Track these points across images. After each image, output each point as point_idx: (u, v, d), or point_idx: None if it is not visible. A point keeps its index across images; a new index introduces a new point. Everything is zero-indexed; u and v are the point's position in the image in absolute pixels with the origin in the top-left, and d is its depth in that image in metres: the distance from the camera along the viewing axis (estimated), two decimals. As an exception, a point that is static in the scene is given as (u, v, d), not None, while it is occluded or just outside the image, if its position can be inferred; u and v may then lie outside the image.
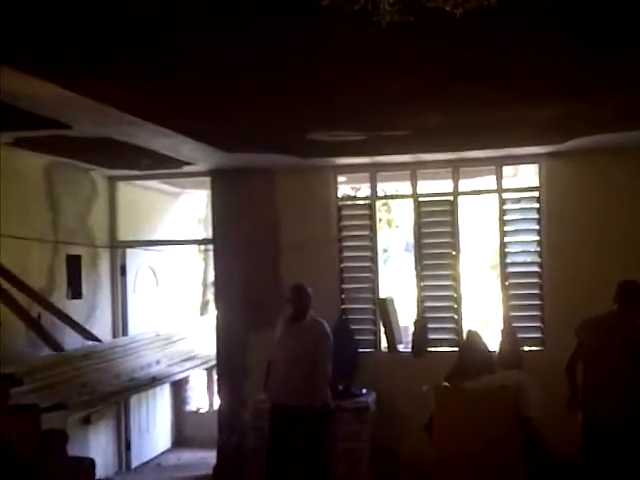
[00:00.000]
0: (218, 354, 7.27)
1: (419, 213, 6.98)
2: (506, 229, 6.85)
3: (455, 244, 6.89)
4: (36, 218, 6.37)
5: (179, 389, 8.65)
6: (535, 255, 6.82)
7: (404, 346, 7.09)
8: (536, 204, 6.81)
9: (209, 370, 8.50)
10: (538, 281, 6.75)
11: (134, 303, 7.80)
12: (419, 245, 6.99)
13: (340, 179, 7.21)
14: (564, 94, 4.48)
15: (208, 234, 8.06)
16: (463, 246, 6.98)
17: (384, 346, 7.00)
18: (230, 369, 7.15)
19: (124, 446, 7.56)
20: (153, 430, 8.07)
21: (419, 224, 6.98)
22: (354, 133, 5.48)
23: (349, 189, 8.10)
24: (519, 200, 7.06)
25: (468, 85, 4.18)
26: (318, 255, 6.90)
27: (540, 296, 6.73)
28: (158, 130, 5.14)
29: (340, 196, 7.26)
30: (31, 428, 4.73)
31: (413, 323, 6.97)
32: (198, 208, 9.78)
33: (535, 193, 6.83)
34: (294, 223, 7.02)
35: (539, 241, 6.75)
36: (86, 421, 6.66)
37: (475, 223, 9.96)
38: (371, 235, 7.09)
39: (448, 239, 6.92)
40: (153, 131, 5.17)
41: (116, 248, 7.61)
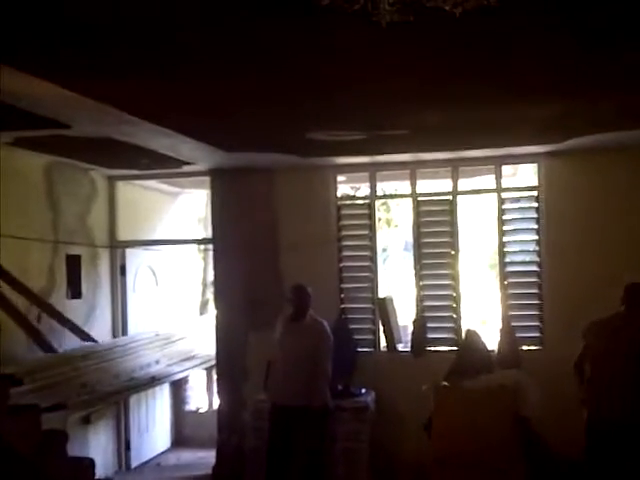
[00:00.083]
0: (218, 354, 7.27)
1: (418, 212, 6.98)
2: (505, 228, 6.85)
3: (454, 243, 6.89)
4: (36, 218, 6.36)
5: (179, 389, 8.65)
6: (534, 255, 6.82)
7: (403, 345, 7.09)
8: (535, 203, 6.81)
9: (209, 370, 8.50)
10: (537, 280, 6.75)
11: (134, 303, 7.80)
12: (418, 244, 6.99)
13: (339, 178, 7.22)
14: (563, 93, 4.48)
15: (208, 234, 8.06)
16: (462, 245, 6.97)
17: (383, 345, 7.00)
18: (230, 369, 7.15)
19: (124, 446, 7.56)
20: (153, 430, 8.07)
21: (418, 223, 6.98)
22: (354, 132, 5.48)
23: (348, 188, 8.09)
24: (518, 199, 7.06)
25: (468, 84, 4.18)
26: (317, 254, 6.90)
27: (539, 295, 6.73)
28: (158, 129, 5.14)
29: (339, 195, 7.26)
30: (31, 428, 4.73)
31: (412, 322, 6.97)
32: (198, 208, 9.78)
33: (534, 192, 6.83)
34: (293, 222, 7.02)
35: (538, 240, 6.75)
36: (86, 421, 6.66)
37: (474, 222, 9.95)
38: (370, 235, 7.09)
39: (447, 238, 6.92)
40: (152, 130, 5.17)
41: (116, 248, 7.61)
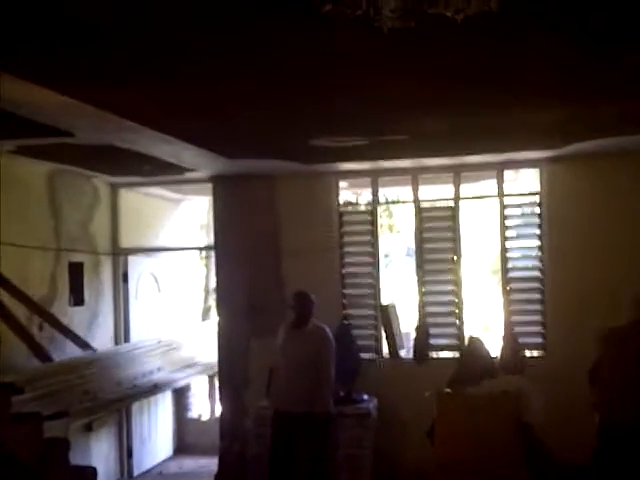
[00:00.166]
0: (220, 361, 7.26)
1: (420, 218, 6.98)
2: (507, 234, 6.85)
3: (456, 249, 6.88)
4: (39, 226, 6.37)
5: (181, 396, 8.64)
6: (536, 260, 6.82)
7: (406, 352, 7.08)
8: (537, 209, 6.81)
9: (211, 377, 8.49)
10: (539, 286, 6.75)
11: (136, 310, 7.80)
12: (420, 250, 6.99)
13: (341, 185, 7.22)
14: (565, 98, 4.49)
15: (210, 240, 8.06)
16: (464, 251, 6.98)
17: (386, 352, 7.00)
18: (232, 376, 7.13)
19: (126, 454, 7.55)
20: (155, 437, 8.05)
21: (420, 229, 6.98)
22: (355, 138, 5.48)
23: (350, 195, 8.09)
24: (520, 205, 7.07)
25: (469, 90, 4.19)
26: (319, 261, 6.90)
27: (541, 301, 6.73)
28: (159, 136, 5.14)
29: (341, 202, 7.27)
30: (33, 436, 4.72)
31: (415, 329, 6.96)
32: (200, 214, 9.78)
33: (536, 198, 6.83)
34: (295, 229, 7.02)
35: (540, 246, 6.75)
36: (88, 429, 6.65)
37: (476, 228, 9.94)
38: (372, 241, 7.09)
39: (449, 244, 6.92)
40: (154, 137, 5.17)
41: (118, 255, 7.61)
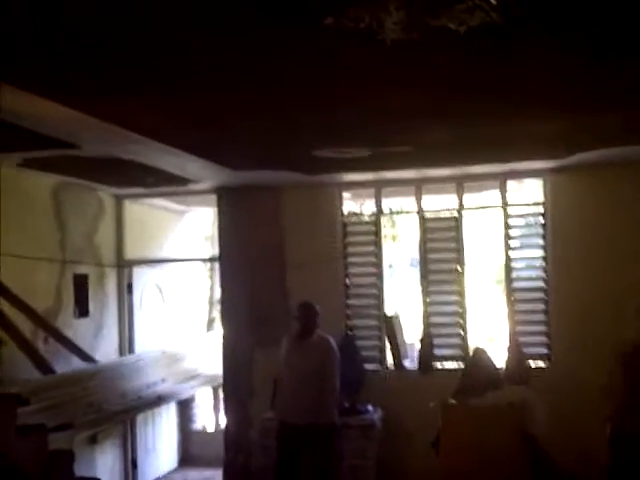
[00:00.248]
0: (224, 372, 7.25)
1: (424, 229, 6.99)
2: (511, 244, 6.85)
3: (460, 259, 6.89)
4: (44, 238, 6.39)
5: (185, 407, 8.62)
6: (540, 270, 6.81)
7: (410, 363, 7.07)
8: (541, 219, 6.81)
9: (215, 388, 8.48)
10: (543, 296, 6.74)
11: (141, 321, 7.81)
12: (424, 261, 6.99)
13: (345, 195, 7.24)
14: (568, 108, 4.50)
15: (214, 251, 8.07)
16: (468, 261, 6.98)
17: (390, 363, 6.99)
18: (236, 387, 7.13)
19: (130, 465, 7.53)
20: (159, 449, 8.04)
21: (424, 240, 6.98)
22: (358, 149, 5.50)
23: (354, 205, 8.10)
24: (524, 215, 7.06)
25: (472, 100, 4.20)
26: (323, 271, 6.90)
27: (546, 311, 6.71)
28: (164, 148, 5.17)
29: (345, 212, 7.28)
30: (38, 448, 4.71)
31: (419, 340, 6.95)
32: (204, 226, 9.80)
33: (540, 208, 6.83)
34: (299, 240, 7.02)
35: (544, 256, 6.75)
36: (92, 440, 6.64)
37: (480, 238, 9.93)
38: (376, 251, 7.09)
39: (453, 254, 6.92)
40: (159, 149, 5.19)
41: (123, 267, 7.62)
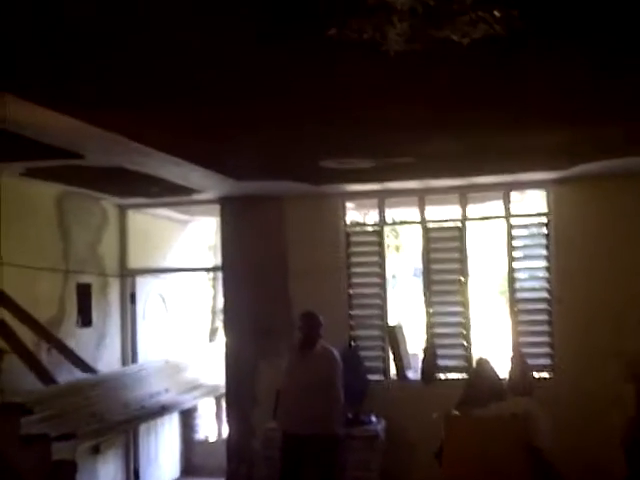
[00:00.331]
0: (227, 382, 7.25)
1: (427, 239, 6.99)
2: (515, 255, 6.85)
3: (463, 270, 6.88)
4: (47, 247, 6.40)
5: (188, 417, 8.60)
6: (544, 281, 6.81)
7: (413, 373, 7.06)
8: (544, 230, 6.81)
9: (218, 398, 8.46)
10: (547, 307, 6.73)
11: (144, 330, 7.80)
12: (428, 271, 6.99)
13: (348, 205, 7.25)
14: (570, 120, 4.51)
15: (217, 261, 8.07)
16: (471, 272, 6.98)
17: (393, 373, 6.98)
18: (239, 397, 7.12)
19: (133, 475, 7.51)
20: (162, 459, 8.02)
21: (428, 250, 6.98)
22: (362, 160, 5.51)
23: (357, 215, 8.11)
24: (527, 226, 7.07)
25: (475, 112, 4.22)
26: (327, 281, 6.90)
27: (549, 322, 6.71)
28: (168, 158, 5.18)
29: (349, 222, 7.29)
30: (42, 458, 4.71)
31: (422, 350, 6.94)
32: (207, 235, 9.80)
33: (543, 219, 6.84)
34: (303, 250, 7.03)
35: (548, 267, 6.75)
36: (95, 450, 6.63)
37: (483, 249, 9.93)
38: (379, 261, 7.10)
39: (456, 265, 6.92)
40: (163, 159, 5.21)
41: (126, 276, 7.63)
